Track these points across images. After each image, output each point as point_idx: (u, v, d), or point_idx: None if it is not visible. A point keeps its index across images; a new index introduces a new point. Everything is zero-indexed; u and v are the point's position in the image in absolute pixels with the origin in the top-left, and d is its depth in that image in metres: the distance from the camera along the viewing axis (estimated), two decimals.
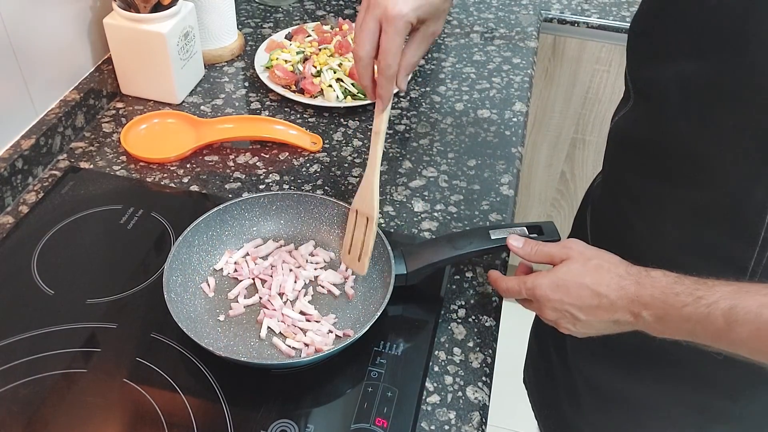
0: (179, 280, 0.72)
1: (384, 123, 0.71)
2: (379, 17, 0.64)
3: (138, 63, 1.02)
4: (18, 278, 0.76)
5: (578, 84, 1.55)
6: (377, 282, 0.73)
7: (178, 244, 0.73)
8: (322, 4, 1.36)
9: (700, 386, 0.72)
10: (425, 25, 0.67)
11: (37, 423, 0.63)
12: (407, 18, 0.63)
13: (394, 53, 0.65)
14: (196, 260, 0.76)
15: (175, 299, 0.70)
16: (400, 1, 0.63)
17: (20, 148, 0.88)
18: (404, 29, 0.64)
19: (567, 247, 0.65)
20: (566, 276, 0.62)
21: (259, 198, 0.80)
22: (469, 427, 0.66)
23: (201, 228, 0.76)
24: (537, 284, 0.64)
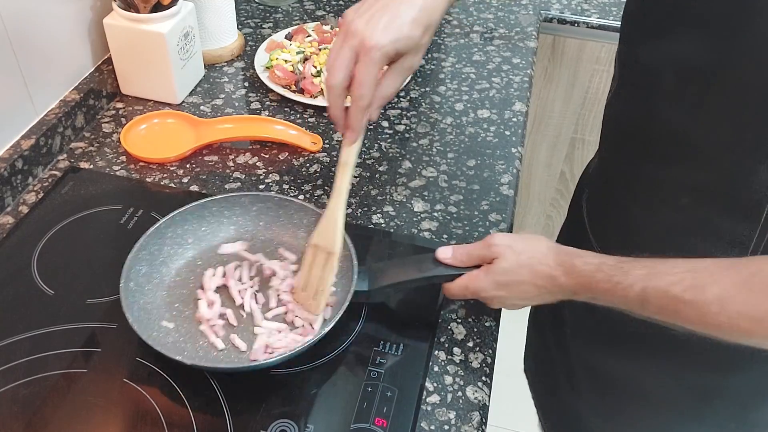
0: (143, 270, 0.72)
1: (353, 155, 0.68)
2: (356, 47, 0.62)
3: (138, 63, 1.02)
4: (18, 278, 0.76)
5: (578, 84, 1.55)
6: (341, 296, 0.70)
7: (149, 234, 0.73)
8: (322, 4, 1.36)
9: (694, 364, 0.73)
10: (403, 59, 0.65)
11: (37, 423, 0.63)
12: (385, 50, 0.62)
13: (369, 84, 0.63)
14: (166, 252, 0.75)
15: (133, 288, 0.69)
16: (378, 33, 0.62)
17: (20, 148, 0.88)
18: (381, 61, 0.63)
19: (493, 244, 0.66)
20: (503, 277, 0.65)
21: (240, 197, 0.79)
22: (469, 427, 0.66)
23: (176, 221, 0.76)
24: (479, 288, 0.67)
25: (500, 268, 0.65)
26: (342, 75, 0.64)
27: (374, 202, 0.90)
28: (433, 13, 0.65)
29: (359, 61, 0.63)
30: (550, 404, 0.99)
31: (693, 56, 0.58)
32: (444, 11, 0.66)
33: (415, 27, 0.63)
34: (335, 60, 0.64)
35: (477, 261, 0.68)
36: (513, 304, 0.68)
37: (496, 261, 0.65)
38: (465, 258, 0.68)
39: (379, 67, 0.63)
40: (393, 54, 0.64)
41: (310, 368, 0.69)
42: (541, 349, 0.99)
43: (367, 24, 0.62)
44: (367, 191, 0.92)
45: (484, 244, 0.67)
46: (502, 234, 0.67)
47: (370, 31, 0.62)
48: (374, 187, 0.92)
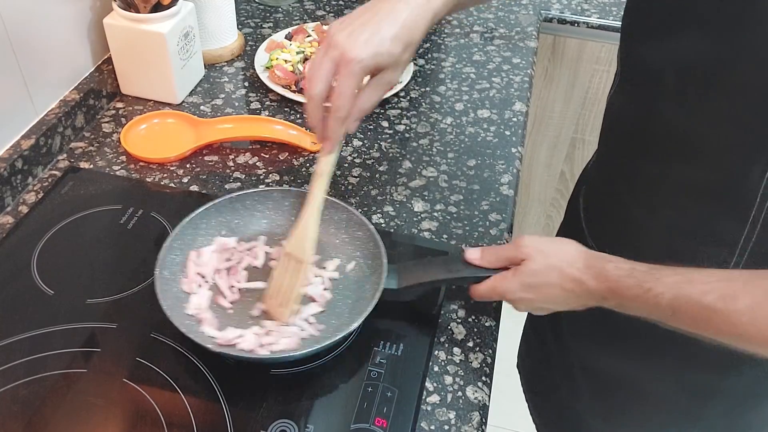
0: (177, 259, 0.73)
1: (330, 165, 0.69)
2: (336, 59, 0.63)
3: (138, 63, 1.02)
4: (18, 278, 0.76)
5: (578, 84, 1.55)
6: (370, 293, 0.71)
7: (184, 224, 0.74)
8: (322, 4, 1.36)
9: (692, 364, 0.73)
10: (382, 74, 0.66)
11: (37, 423, 0.63)
12: (364, 63, 0.63)
13: (347, 96, 0.64)
14: (199, 242, 0.76)
15: (168, 277, 0.70)
16: (358, 46, 0.63)
17: (20, 148, 0.88)
18: (360, 74, 0.64)
19: (522, 246, 0.66)
20: (532, 278, 0.64)
21: (272, 192, 0.80)
22: (469, 427, 0.66)
23: (210, 212, 0.77)
24: (507, 290, 0.66)
25: (529, 270, 0.64)
26: (321, 86, 0.65)
27: (374, 202, 0.90)
28: (414, 31, 0.65)
29: (339, 73, 0.64)
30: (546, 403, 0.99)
31: (694, 56, 0.58)
32: (426, 30, 0.67)
33: (395, 43, 0.64)
34: (316, 71, 0.65)
35: (505, 263, 0.67)
36: (540, 308, 0.67)
37: (524, 262, 0.65)
38: (493, 259, 0.68)
39: (358, 80, 0.64)
40: (372, 68, 0.65)
41: (310, 368, 0.69)
42: (538, 348, 0.99)
43: (348, 37, 0.63)
44: (367, 191, 0.92)
45: (513, 246, 0.66)
46: (532, 236, 0.67)
47: (351, 44, 0.63)
48: (374, 187, 0.92)
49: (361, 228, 0.76)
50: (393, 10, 0.65)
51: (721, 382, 0.73)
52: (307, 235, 0.70)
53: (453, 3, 0.69)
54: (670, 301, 0.56)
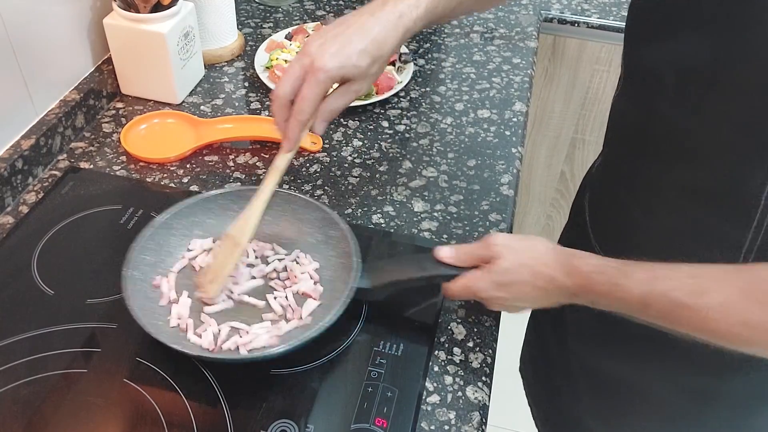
0: (149, 259, 0.73)
1: (285, 162, 0.72)
2: (305, 66, 0.67)
3: (138, 63, 1.02)
4: (18, 278, 0.76)
5: (578, 84, 1.55)
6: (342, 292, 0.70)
7: (155, 225, 0.74)
8: (322, 4, 1.36)
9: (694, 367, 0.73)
10: (349, 83, 0.70)
11: (38, 423, 0.63)
12: (330, 74, 0.67)
13: (310, 101, 0.67)
14: (173, 243, 0.76)
15: (138, 277, 0.70)
16: (326, 57, 0.66)
17: (20, 148, 0.88)
18: (325, 82, 0.67)
19: (492, 244, 0.66)
20: (503, 277, 0.65)
21: (247, 191, 0.79)
22: (469, 427, 0.66)
23: (183, 213, 0.77)
24: (479, 288, 0.66)
25: (500, 268, 0.65)
26: (287, 88, 0.68)
27: (374, 202, 0.90)
28: (383, 47, 0.69)
29: (305, 80, 0.67)
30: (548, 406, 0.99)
31: (694, 57, 0.58)
32: (397, 45, 0.70)
33: (362, 57, 0.68)
34: (285, 73, 0.69)
35: (477, 261, 0.68)
36: (512, 306, 0.68)
37: (496, 261, 0.65)
38: (465, 257, 0.68)
39: (322, 88, 0.68)
40: (338, 78, 0.68)
41: (310, 368, 0.69)
42: (540, 351, 0.99)
43: (319, 47, 0.67)
44: (367, 191, 0.92)
45: (484, 244, 0.67)
46: (502, 234, 0.67)
47: (320, 54, 0.67)
48: (374, 187, 0.92)
49: (334, 227, 0.76)
50: (364, 25, 0.68)
51: (724, 385, 0.73)
52: (250, 221, 0.72)
53: (425, 20, 0.71)
54: (639, 296, 0.56)
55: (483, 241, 0.67)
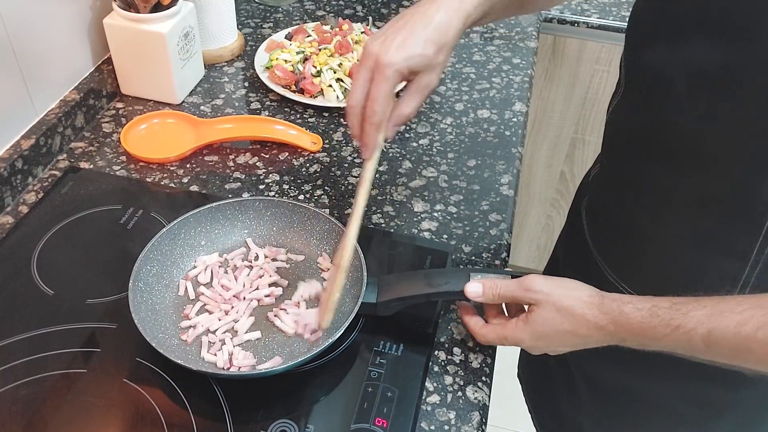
0: (154, 270, 0.72)
1: (370, 171, 0.69)
2: (371, 67, 0.64)
3: (138, 63, 1.02)
4: (18, 278, 0.76)
5: (578, 84, 1.55)
6: (348, 306, 0.70)
7: (161, 234, 0.73)
8: (322, 4, 1.36)
9: (699, 377, 0.72)
10: (418, 77, 0.66)
11: (37, 423, 0.63)
12: (396, 67, 0.64)
13: (381, 101, 0.65)
14: (178, 254, 0.76)
15: (142, 288, 0.70)
16: (391, 51, 0.64)
17: (20, 148, 0.88)
18: (393, 78, 0.64)
19: (530, 289, 0.63)
20: (544, 327, 0.62)
21: (254, 201, 0.79)
22: (469, 427, 0.66)
23: (190, 222, 0.76)
24: (519, 339, 0.64)
25: (540, 318, 0.62)
26: (358, 95, 0.66)
27: (374, 202, 0.90)
28: (447, 33, 0.65)
29: (373, 79, 0.65)
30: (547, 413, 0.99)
31: (706, 62, 0.57)
32: (459, 31, 0.67)
33: (428, 45, 0.64)
34: (354, 82, 0.66)
35: (509, 300, 0.66)
36: (555, 351, 0.65)
37: (535, 309, 0.62)
38: (496, 298, 0.66)
39: (391, 84, 0.64)
40: (406, 71, 0.65)
41: (310, 368, 0.69)
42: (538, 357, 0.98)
43: (382, 45, 0.64)
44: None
45: (520, 287, 0.64)
46: (540, 278, 0.64)
47: (384, 50, 0.64)
48: (374, 187, 0.92)
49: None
50: (425, 14, 0.65)
51: (732, 395, 0.72)
52: (348, 242, 0.70)
53: (485, 6, 0.68)
54: (703, 336, 0.53)
55: (520, 284, 0.64)
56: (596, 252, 0.78)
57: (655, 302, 0.57)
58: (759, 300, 0.53)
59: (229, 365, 0.67)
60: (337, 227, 0.76)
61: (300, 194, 0.90)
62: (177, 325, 0.71)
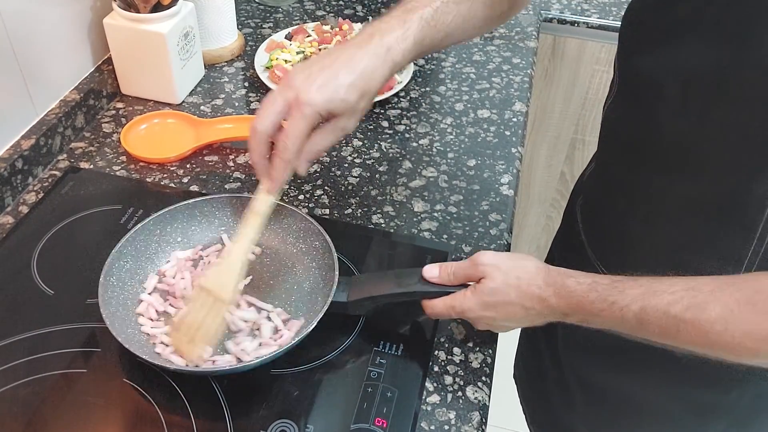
0: (127, 265, 0.72)
1: (267, 206, 0.67)
2: (290, 100, 0.63)
3: (138, 63, 1.02)
4: (18, 278, 0.76)
5: (578, 84, 1.55)
6: (319, 305, 0.69)
7: (135, 230, 0.73)
8: (322, 4, 1.36)
9: (693, 380, 0.72)
10: (336, 120, 0.65)
11: (37, 423, 0.63)
12: (316, 108, 0.62)
13: (295, 137, 0.63)
14: (153, 249, 0.75)
15: (114, 283, 0.70)
16: (312, 90, 0.62)
17: (20, 148, 0.88)
18: (311, 117, 0.63)
19: (480, 263, 0.64)
20: (491, 297, 0.63)
21: (231, 198, 0.79)
22: (469, 427, 0.66)
23: (166, 218, 0.76)
24: (466, 308, 0.65)
25: (487, 288, 0.63)
26: (268, 122, 0.64)
27: (374, 202, 0.90)
28: (372, 81, 0.65)
29: (290, 115, 0.63)
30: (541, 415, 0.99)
31: (699, 65, 0.57)
32: (384, 79, 0.67)
33: (351, 91, 0.64)
34: (266, 106, 0.64)
35: (463, 280, 0.66)
36: (500, 326, 0.67)
37: (483, 280, 0.64)
38: (451, 277, 0.66)
39: (308, 124, 0.63)
40: (325, 113, 0.64)
41: (310, 368, 0.69)
42: (533, 358, 0.98)
43: (305, 80, 0.63)
44: (367, 191, 0.92)
45: (471, 263, 0.65)
46: (490, 253, 0.65)
47: (306, 87, 0.62)
48: (374, 187, 0.92)
49: (318, 238, 0.75)
50: (352, 58, 0.64)
51: (725, 397, 0.72)
52: (232, 273, 0.66)
53: (413, 53, 0.68)
54: (636, 313, 0.55)
55: (470, 260, 0.65)
56: (591, 251, 0.78)
57: (596, 279, 0.59)
58: (691, 282, 0.54)
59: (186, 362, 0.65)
60: (314, 226, 0.75)
61: (300, 194, 0.90)
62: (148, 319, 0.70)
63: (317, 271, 0.74)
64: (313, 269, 0.75)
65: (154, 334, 0.69)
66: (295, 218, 0.78)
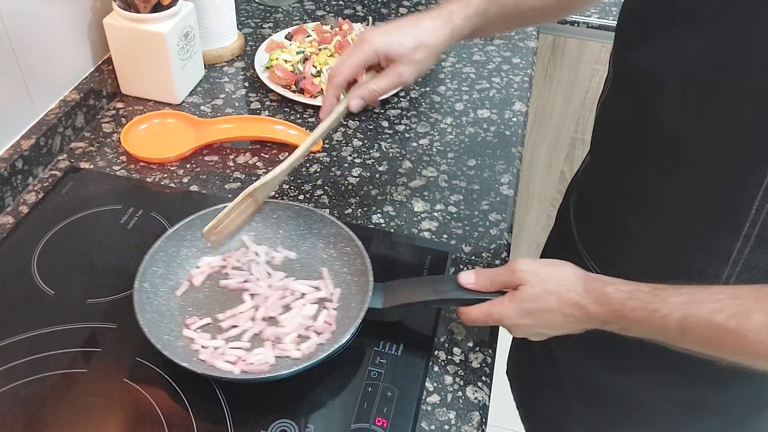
0: (160, 271, 0.72)
1: (319, 131, 0.74)
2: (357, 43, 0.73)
3: (138, 63, 1.02)
4: (18, 278, 0.76)
5: (578, 84, 1.55)
6: (354, 312, 0.69)
7: (167, 235, 0.73)
8: (322, 4, 1.36)
9: (688, 378, 0.72)
10: (394, 65, 0.72)
11: (37, 423, 0.63)
12: (374, 45, 0.71)
13: (347, 65, 0.72)
14: (183, 255, 0.76)
15: (148, 289, 0.70)
16: (376, 33, 0.72)
17: (20, 148, 0.88)
18: (367, 54, 0.71)
19: (518, 270, 0.63)
20: (529, 304, 0.62)
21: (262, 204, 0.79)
22: (469, 427, 0.66)
23: (196, 224, 0.76)
24: (504, 315, 0.64)
25: (526, 295, 0.62)
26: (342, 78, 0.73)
27: (374, 202, 0.90)
28: (431, 36, 0.72)
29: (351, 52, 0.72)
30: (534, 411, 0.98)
31: (697, 59, 0.57)
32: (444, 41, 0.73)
33: (408, 39, 0.71)
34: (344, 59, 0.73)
35: (500, 287, 0.66)
36: (537, 333, 0.66)
37: (521, 287, 0.63)
38: (488, 284, 0.66)
39: (364, 57, 0.72)
40: (382, 52, 0.71)
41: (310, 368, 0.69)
42: (526, 356, 0.98)
43: (372, 30, 0.73)
44: (367, 191, 0.92)
45: (508, 270, 0.64)
46: (528, 259, 0.64)
47: (371, 32, 0.72)
48: (374, 187, 0.92)
49: (349, 244, 0.75)
50: (415, 18, 0.74)
51: (715, 395, 0.72)
52: (273, 181, 0.76)
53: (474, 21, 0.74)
54: (678, 322, 0.54)
55: (508, 267, 0.65)
56: (582, 248, 0.78)
57: (637, 286, 0.58)
58: (734, 290, 0.54)
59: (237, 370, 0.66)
60: (344, 231, 0.76)
61: (300, 194, 0.90)
62: (182, 326, 0.70)
63: (349, 276, 0.74)
64: (344, 275, 0.75)
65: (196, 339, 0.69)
66: (325, 223, 0.78)
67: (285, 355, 0.68)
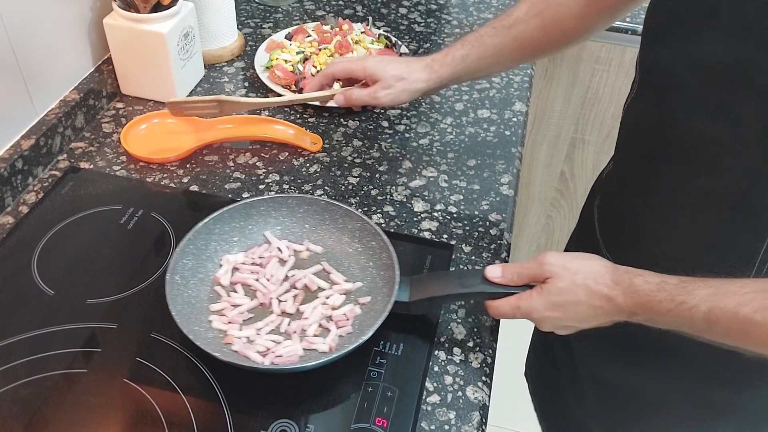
0: (190, 263, 0.73)
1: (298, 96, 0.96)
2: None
3: (138, 63, 1.02)
4: (18, 278, 0.76)
5: (578, 84, 1.55)
6: (381, 305, 0.70)
7: (197, 229, 0.75)
8: (322, 4, 1.36)
9: (706, 379, 0.72)
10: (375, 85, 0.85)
11: (38, 423, 0.63)
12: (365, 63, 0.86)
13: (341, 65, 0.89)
14: (212, 248, 0.76)
15: (179, 282, 0.70)
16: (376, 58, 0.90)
17: (20, 148, 0.88)
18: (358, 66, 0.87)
19: (546, 263, 0.64)
20: (558, 297, 0.62)
21: (287, 198, 0.80)
22: (469, 427, 0.66)
23: (224, 218, 0.77)
24: (532, 308, 0.64)
25: (555, 288, 0.62)
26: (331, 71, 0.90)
27: (374, 202, 0.90)
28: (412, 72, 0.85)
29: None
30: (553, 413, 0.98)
31: (717, 59, 0.57)
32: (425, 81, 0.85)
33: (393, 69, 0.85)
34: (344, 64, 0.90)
35: (527, 280, 0.65)
36: (565, 326, 0.66)
37: (550, 280, 0.63)
38: (515, 277, 0.66)
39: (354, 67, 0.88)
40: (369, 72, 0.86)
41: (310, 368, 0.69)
42: (546, 355, 0.98)
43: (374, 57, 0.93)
44: (367, 191, 0.92)
45: (537, 263, 0.64)
46: (556, 252, 0.65)
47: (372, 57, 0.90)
48: (374, 187, 0.92)
49: (375, 238, 0.76)
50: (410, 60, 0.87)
51: (736, 397, 0.72)
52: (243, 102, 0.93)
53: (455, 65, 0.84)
54: (705, 314, 0.54)
55: (536, 260, 0.65)
56: (606, 250, 0.78)
57: (665, 278, 0.58)
58: (762, 284, 0.53)
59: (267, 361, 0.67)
60: (370, 226, 0.77)
61: (300, 194, 0.90)
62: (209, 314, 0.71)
63: (375, 270, 0.75)
64: (370, 269, 0.76)
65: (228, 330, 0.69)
66: (351, 218, 0.78)
67: (312, 348, 0.68)
